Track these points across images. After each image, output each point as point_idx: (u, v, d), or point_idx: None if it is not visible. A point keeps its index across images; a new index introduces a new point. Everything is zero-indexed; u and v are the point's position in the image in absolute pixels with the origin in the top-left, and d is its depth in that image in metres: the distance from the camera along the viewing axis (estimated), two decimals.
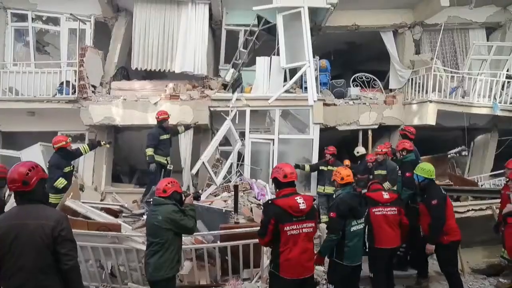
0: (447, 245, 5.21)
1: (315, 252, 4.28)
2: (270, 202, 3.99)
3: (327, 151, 9.18)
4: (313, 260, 4.01)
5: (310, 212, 3.89)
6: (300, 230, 3.80)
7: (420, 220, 5.65)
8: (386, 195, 5.25)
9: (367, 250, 5.13)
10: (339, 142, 10.88)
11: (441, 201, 5.23)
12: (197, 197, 4.73)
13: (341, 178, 4.78)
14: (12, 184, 2.96)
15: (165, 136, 8.52)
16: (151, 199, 5.29)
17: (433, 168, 5.50)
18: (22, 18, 10.64)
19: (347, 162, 9.47)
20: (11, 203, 5.64)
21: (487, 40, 11.08)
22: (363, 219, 4.69)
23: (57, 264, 2.92)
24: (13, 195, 3.12)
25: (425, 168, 5.47)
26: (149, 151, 8.29)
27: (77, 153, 7.79)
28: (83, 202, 6.65)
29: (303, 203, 3.81)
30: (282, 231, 3.77)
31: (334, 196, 4.99)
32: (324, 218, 8.79)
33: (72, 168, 7.47)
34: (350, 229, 4.53)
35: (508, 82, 10.21)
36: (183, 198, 4.43)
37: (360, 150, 9.71)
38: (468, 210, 6.78)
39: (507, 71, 10.30)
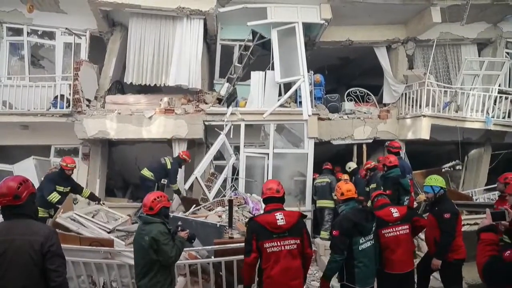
0: (453, 263, 5.04)
1: (301, 268, 3.93)
2: (251, 219, 3.98)
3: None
4: (299, 279, 3.83)
5: (293, 229, 3.79)
6: (282, 247, 3.72)
7: (426, 233, 5.39)
8: (395, 213, 4.81)
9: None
10: (333, 157, 10.89)
11: (453, 216, 5.02)
12: (192, 238, 4.48)
13: (341, 194, 4.51)
14: (2, 198, 2.89)
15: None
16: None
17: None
18: (18, 32, 10.67)
19: (345, 176, 9.28)
20: None
21: (479, 56, 11.24)
22: (372, 235, 4.37)
23: (45, 281, 2.85)
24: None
25: (438, 179, 5.19)
26: (175, 186, 8.70)
27: (74, 184, 7.61)
28: (75, 214, 6.53)
29: (282, 219, 3.74)
30: (262, 248, 3.73)
31: (339, 212, 4.66)
32: (323, 234, 8.76)
33: (67, 190, 7.29)
34: (358, 248, 4.20)
35: (500, 97, 10.33)
36: (178, 229, 4.22)
37: (351, 165, 9.76)
38: (463, 225, 6.75)
39: (499, 86, 10.44)
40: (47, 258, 2.84)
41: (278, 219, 3.73)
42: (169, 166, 8.66)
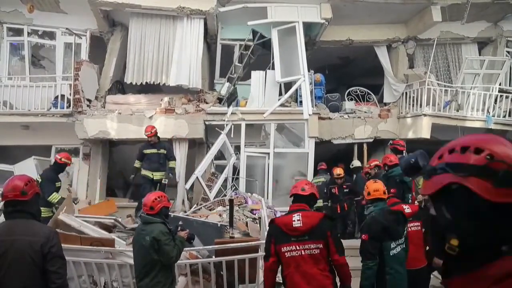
0: None
1: (328, 274, 3.56)
2: (271, 220, 3.74)
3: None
4: (328, 287, 3.49)
5: (314, 231, 3.44)
6: (301, 251, 3.41)
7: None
8: (407, 209, 4.61)
9: None
10: (334, 156, 10.88)
11: None
12: (191, 238, 4.46)
13: (367, 193, 4.23)
14: (9, 193, 2.88)
15: (149, 151, 8.52)
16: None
17: None
18: (18, 32, 10.68)
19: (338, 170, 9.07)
20: None
21: (479, 55, 11.21)
22: (403, 239, 4.09)
23: (45, 282, 2.84)
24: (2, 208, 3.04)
25: None
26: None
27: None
28: (76, 216, 6.56)
29: (298, 220, 3.43)
30: (280, 253, 3.47)
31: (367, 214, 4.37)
32: None
33: (60, 184, 7.59)
34: (389, 253, 3.92)
35: (501, 95, 10.32)
36: (178, 229, 4.19)
37: (355, 163, 9.72)
38: None
39: (500, 85, 10.43)
40: (47, 260, 2.82)
41: (294, 221, 3.43)
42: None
